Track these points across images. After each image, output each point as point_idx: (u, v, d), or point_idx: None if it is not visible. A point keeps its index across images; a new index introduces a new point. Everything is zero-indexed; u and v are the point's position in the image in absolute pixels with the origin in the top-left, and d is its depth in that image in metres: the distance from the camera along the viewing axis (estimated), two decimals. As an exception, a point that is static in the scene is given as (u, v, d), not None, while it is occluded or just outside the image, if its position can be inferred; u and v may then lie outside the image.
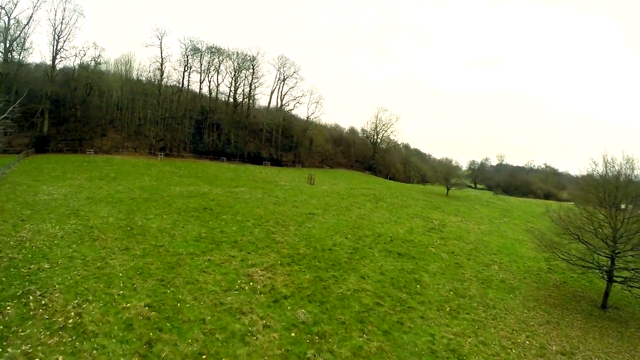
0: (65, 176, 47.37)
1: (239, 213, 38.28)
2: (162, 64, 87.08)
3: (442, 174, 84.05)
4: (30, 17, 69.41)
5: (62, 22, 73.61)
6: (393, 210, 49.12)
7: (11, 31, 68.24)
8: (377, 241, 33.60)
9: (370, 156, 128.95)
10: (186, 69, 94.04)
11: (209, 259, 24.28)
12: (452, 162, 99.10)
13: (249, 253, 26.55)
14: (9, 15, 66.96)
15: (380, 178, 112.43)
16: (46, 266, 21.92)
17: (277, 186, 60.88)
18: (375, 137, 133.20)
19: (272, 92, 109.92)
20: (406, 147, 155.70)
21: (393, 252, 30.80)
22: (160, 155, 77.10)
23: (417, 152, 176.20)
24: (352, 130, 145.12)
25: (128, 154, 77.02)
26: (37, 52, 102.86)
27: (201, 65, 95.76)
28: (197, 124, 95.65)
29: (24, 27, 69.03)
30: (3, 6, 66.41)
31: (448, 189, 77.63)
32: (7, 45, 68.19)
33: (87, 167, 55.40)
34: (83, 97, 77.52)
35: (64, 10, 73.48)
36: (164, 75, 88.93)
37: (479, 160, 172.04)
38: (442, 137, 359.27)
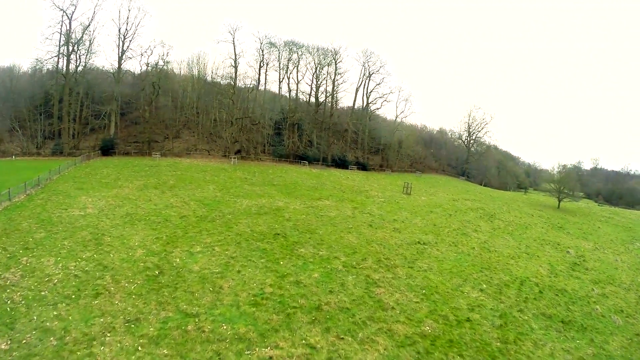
0: (115, 184, 40.72)
1: (323, 242, 27.68)
2: (235, 61, 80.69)
3: (554, 183, 73.05)
4: (92, 18, 68.26)
5: (126, 22, 71.13)
6: (515, 234, 40.59)
7: (74, 34, 66.87)
8: (523, 295, 23.67)
9: (464, 160, 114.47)
10: (262, 64, 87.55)
11: (270, 358, 13.36)
12: (568, 168, 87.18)
13: (342, 338, 15.31)
14: (70, 18, 66.03)
15: (476, 185, 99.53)
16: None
17: (369, 198, 49.80)
18: (469, 138, 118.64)
19: (356, 90, 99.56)
20: (495, 148, 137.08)
21: (554, 319, 20.85)
22: (234, 158, 69.88)
23: (508, 155, 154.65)
24: (442, 131, 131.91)
25: (200, 157, 71.05)
26: (103, 54, 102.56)
27: (279, 62, 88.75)
28: (276, 125, 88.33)
29: (86, 29, 67.93)
30: (64, 9, 64.84)
31: (560, 201, 68.91)
32: (71, 48, 66.45)
33: (146, 173, 48.82)
34: (151, 98, 73.09)
35: (129, 10, 71.21)
36: (239, 73, 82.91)
37: (568, 163, 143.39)
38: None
